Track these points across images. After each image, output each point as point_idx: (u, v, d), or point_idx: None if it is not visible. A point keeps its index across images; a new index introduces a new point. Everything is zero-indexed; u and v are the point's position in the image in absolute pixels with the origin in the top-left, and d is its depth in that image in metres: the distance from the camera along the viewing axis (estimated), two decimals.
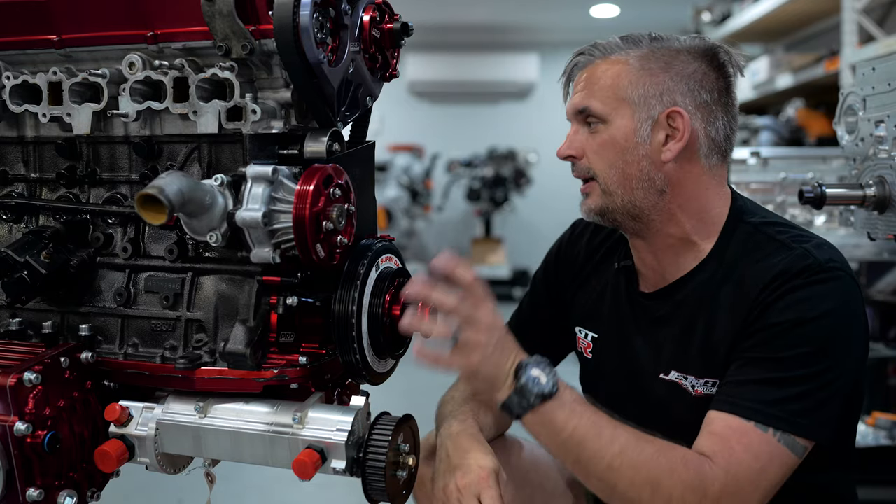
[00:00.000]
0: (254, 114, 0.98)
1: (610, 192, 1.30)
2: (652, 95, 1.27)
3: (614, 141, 1.28)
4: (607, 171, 1.30)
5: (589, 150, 1.31)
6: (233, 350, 0.98)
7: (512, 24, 7.57)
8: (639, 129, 1.28)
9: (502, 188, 7.49)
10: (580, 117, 1.32)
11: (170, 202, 0.86)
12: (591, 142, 1.31)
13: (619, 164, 1.29)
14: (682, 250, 1.33)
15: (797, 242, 1.25)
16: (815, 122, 4.25)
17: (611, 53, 1.31)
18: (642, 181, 1.28)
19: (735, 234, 1.31)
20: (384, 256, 1.07)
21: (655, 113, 1.27)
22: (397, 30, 1.09)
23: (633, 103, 1.28)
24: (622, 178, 1.29)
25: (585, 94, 1.31)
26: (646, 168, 1.28)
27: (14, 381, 0.93)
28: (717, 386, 1.25)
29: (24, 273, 1.02)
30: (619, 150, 1.28)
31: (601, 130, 1.29)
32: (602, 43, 1.33)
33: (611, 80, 1.29)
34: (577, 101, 1.32)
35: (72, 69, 1.07)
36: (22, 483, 0.93)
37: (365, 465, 0.99)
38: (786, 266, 1.21)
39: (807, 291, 1.19)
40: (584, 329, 1.48)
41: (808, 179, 2.49)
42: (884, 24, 3.82)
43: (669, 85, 1.28)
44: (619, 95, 1.28)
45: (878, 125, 1.42)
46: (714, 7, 5.47)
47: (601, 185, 1.30)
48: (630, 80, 1.28)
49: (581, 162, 1.32)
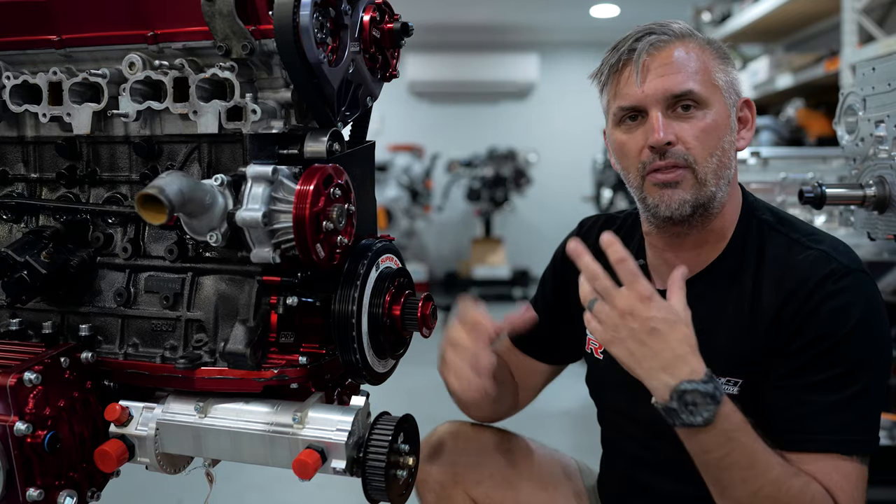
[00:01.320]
0: (254, 114, 0.98)
1: (705, 182, 1.23)
2: (731, 84, 1.27)
3: (717, 126, 1.24)
4: (708, 160, 1.23)
5: (687, 136, 1.23)
6: (233, 350, 0.98)
7: (512, 24, 7.57)
8: (731, 115, 1.27)
9: (502, 188, 7.48)
10: (672, 101, 1.23)
11: (170, 202, 0.86)
12: (690, 127, 1.23)
13: (718, 152, 1.24)
14: (706, 245, 1.31)
15: (813, 242, 1.25)
16: (815, 122, 4.25)
17: (686, 36, 1.26)
18: (728, 171, 1.26)
19: (750, 230, 1.31)
20: (384, 256, 1.07)
21: (734, 101, 1.27)
22: (397, 30, 1.09)
23: (723, 89, 1.26)
24: (718, 167, 1.24)
25: (684, 75, 1.23)
26: (732, 157, 1.27)
27: (14, 381, 0.93)
28: (738, 386, 1.24)
29: (24, 273, 1.02)
30: (719, 137, 1.24)
31: (699, 116, 1.23)
32: (668, 24, 1.27)
33: (701, 63, 1.25)
34: (674, 83, 1.22)
35: (72, 69, 1.07)
36: (22, 483, 0.93)
37: (365, 465, 0.99)
38: (810, 272, 1.20)
39: (838, 301, 1.18)
40: None
41: (808, 179, 2.49)
42: (884, 24, 3.82)
43: (734, 75, 1.29)
44: (712, 80, 1.25)
45: (878, 125, 1.42)
46: (714, 7, 5.47)
47: (699, 173, 1.23)
48: (716, 65, 1.26)
49: (676, 148, 1.23)
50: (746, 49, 5.63)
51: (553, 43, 8.07)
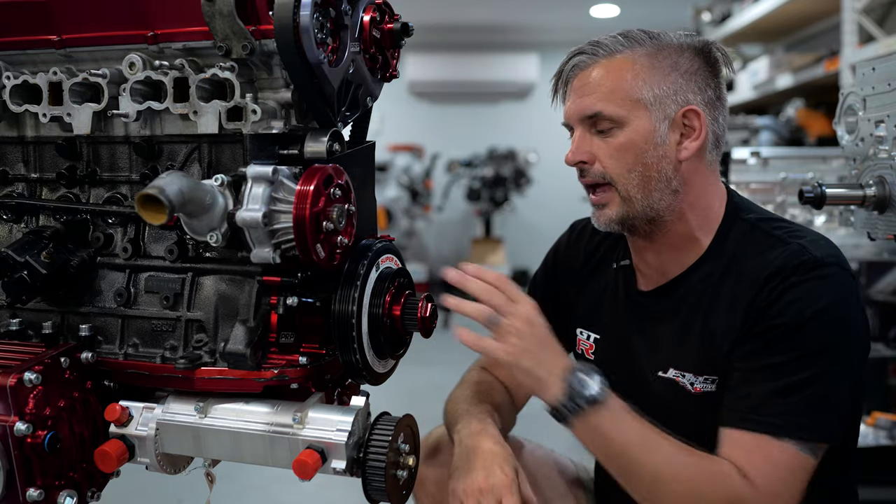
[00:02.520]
0: (254, 114, 0.98)
1: (630, 198, 1.27)
2: (667, 95, 1.26)
3: (633, 144, 1.26)
4: (626, 176, 1.26)
5: (603, 155, 1.27)
6: (233, 350, 0.98)
7: (512, 24, 7.57)
8: (657, 129, 1.26)
9: (502, 188, 7.48)
10: (588, 122, 1.28)
11: (170, 202, 0.86)
12: (605, 146, 1.27)
13: (639, 167, 1.26)
14: (684, 247, 1.33)
15: (793, 237, 1.25)
16: (815, 122, 4.25)
17: (615, 53, 1.28)
18: (660, 183, 1.27)
19: (732, 230, 1.31)
20: (384, 256, 1.07)
21: (671, 112, 1.26)
22: (397, 30, 1.09)
23: (649, 104, 1.25)
24: (642, 182, 1.26)
25: (595, 97, 1.27)
26: (665, 169, 1.27)
27: (14, 381, 0.93)
28: (715, 383, 1.25)
29: (24, 273, 1.02)
30: (638, 153, 1.26)
31: (616, 134, 1.26)
32: (603, 42, 1.29)
33: (622, 81, 1.26)
34: (584, 106, 1.28)
35: (72, 69, 1.07)
36: (22, 483, 0.93)
37: (365, 465, 0.99)
38: (781, 263, 1.20)
39: (802, 289, 1.18)
40: (585, 331, 1.48)
41: (808, 179, 2.49)
42: (884, 24, 3.82)
43: (681, 83, 1.27)
44: (634, 96, 1.25)
45: (878, 125, 1.42)
46: (714, 7, 5.47)
47: (620, 191, 1.27)
48: (643, 79, 1.26)
49: (594, 167, 1.28)
50: (746, 49, 5.63)
51: (553, 43, 8.04)
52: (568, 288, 1.53)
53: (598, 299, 1.47)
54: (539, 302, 1.57)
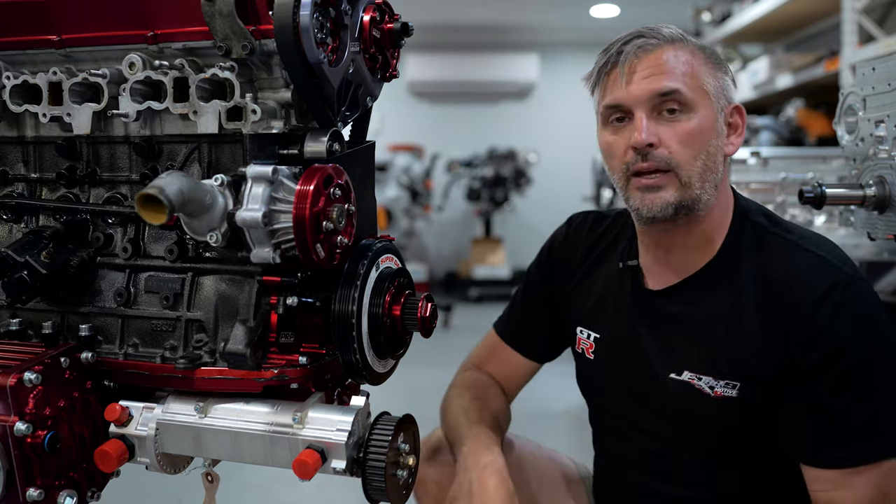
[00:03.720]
0: (254, 114, 0.98)
1: (689, 185, 1.25)
2: (720, 89, 1.28)
3: (702, 131, 1.25)
4: (692, 163, 1.24)
5: (669, 139, 1.24)
6: (233, 350, 0.98)
7: (512, 24, 7.57)
8: (718, 120, 1.27)
9: (502, 188, 7.49)
10: (656, 102, 1.24)
11: (170, 202, 0.86)
12: (672, 130, 1.24)
13: (703, 155, 1.25)
14: (697, 247, 1.32)
15: (812, 247, 1.26)
16: (815, 122, 4.25)
17: (676, 41, 1.27)
18: (714, 175, 1.27)
19: (743, 231, 1.31)
20: (384, 256, 1.07)
21: (723, 106, 1.28)
22: (397, 30, 1.09)
23: (712, 94, 1.27)
24: (703, 171, 1.25)
25: (672, 77, 1.24)
26: (719, 162, 1.28)
27: (14, 381, 0.93)
28: (737, 388, 1.25)
29: (24, 273, 1.02)
30: (704, 141, 1.25)
31: (683, 119, 1.24)
32: (661, 29, 1.28)
33: (694, 66, 1.26)
34: (661, 84, 1.24)
35: (72, 69, 1.07)
36: (22, 483, 0.93)
37: (365, 465, 0.99)
38: (818, 280, 1.21)
39: (850, 312, 1.19)
40: (585, 329, 1.46)
41: (808, 179, 2.49)
42: (884, 24, 3.82)
43: (725, 81, 1.30)
44: (700, 84, 1.26)
45: (878, 125, 1.42)
46: (714, 7, 5.47)
47: (682, 177, 1.24)
48: (705, 70, 1.27)
49: (659, 151, 1.24)
50: (746, 49, 5.63)
51: (553, 43, 8.07)
52: (563, 283, 1.52)
53: (599, 298, 1.45)
54: (534, 295, 1.58)
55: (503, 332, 1.60)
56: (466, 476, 1.32)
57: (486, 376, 1.57)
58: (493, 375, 1.58)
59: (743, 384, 1.24)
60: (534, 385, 1.66)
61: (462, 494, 1.31)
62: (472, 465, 1.34)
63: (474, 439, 1.38)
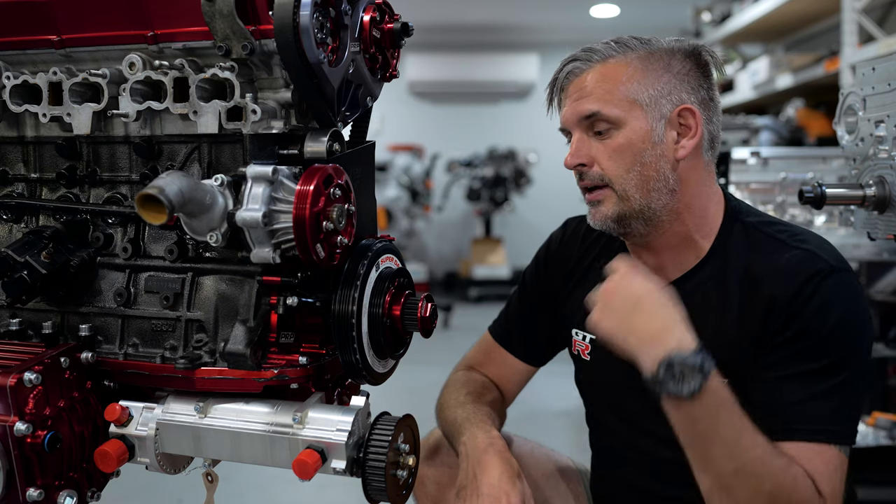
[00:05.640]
0: (254, 114, 0.98)
1: (627, 198, 1.29)
2: (661, 95, 1.28)
3: (631, 144, 1.28)
4: (625, 176, 1.28)
5: (601, 157, 1.29)
6: (233, 350, 0.98)
7: (512, 24, 7.57)
8: (654, 128, 1.28)
9: (502, 188, 7.49)
10: (585, 124, 1.30)
11: (170, 202, 0.86)
12: (603, 148, 1.29)
13: (637, 167, 1.28)
14: (683, 249, 1.34)
15: (799, 242, 1.27)
16: (815, 122, 4.25)
17: (608, 58, 1.30)
18: (658, 182, 1.29)
19: (734, 232, 1.33)
20: (384, 256, 1.07)
21: (667, 111, 1.28)
22: (397, 30, 1.09)
23: (644, 104, 1.28)
24: (640, 182, 1.28)
25: (592, 99, 1.29)
26: (662, 168, 1.29)
27: (14, 381, 0.93)
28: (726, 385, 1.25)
29: (24, 273, 1.02)
30: (636, 153, 1.28)
31: (613, 135, 1.28)
32: (595, 48, 1.32)
33: (618, 83, 1.28)
34: (583, 107, 1.30)
35: (72, 69, 1.07)
36: (22, 483, 0.93)
37: (365, 465, 0.99)
38: (799, 270, 1.22)
39: (824, 297, 1.20)
40: (580, 331, 1.48)
41: (808, 179, 2.49)
42: (884, 24, 3.82)
43: (675, 83, 1.29)
44: (629, 97, 1.28)
45: (878, 125, 1.42)
46: (714, 7, 5.48)
47: (618, 190, 1.29)
48: (637, 81, 1.28)
49: (592, 170, 1.30)
50: (746, 49, 5.64)
51: (553, 43, 8.06)
52: (559, 285, 1.53)
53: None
54: (529, 298, 1.58)
55: (498, 334, 1.60)
56: (469, 463, 1.33)
57: (483, 377, 1.57)
58: (488, 377, 1.58)
59: (731, 381, 1.25)
60: (533, 385, 1.66)
61: (468, 482, 1.31)
62: (471, 449, 1.34)
63: (472, 427, 1.39)
